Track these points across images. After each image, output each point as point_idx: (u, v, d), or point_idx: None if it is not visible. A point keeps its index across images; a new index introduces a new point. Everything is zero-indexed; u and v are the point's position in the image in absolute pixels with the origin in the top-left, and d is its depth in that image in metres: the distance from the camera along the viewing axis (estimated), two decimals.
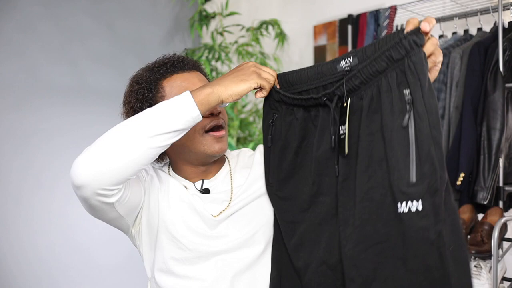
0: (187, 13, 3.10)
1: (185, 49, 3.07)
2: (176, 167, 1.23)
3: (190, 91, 0.98)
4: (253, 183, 1.20)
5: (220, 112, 1.15)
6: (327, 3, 3.18)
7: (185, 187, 1.19)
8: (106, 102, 2.82)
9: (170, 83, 1.15)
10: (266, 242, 1.14)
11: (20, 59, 2.55)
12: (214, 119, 1.13)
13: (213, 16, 2.97)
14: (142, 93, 1.16)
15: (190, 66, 1.19)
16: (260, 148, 1.27)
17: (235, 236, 1.13)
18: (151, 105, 1.11)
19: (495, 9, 2.06)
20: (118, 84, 2.84)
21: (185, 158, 1.18)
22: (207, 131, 1.13)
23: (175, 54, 1.23)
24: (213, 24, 3.10)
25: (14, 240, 2.51)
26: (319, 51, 3.24)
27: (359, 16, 2.54)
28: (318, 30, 3.24)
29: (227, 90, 0.99)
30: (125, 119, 1.10)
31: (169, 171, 1.24)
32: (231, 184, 1.22)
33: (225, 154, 1.29)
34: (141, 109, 1.14)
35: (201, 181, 1.21)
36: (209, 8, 3.06)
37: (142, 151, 0.95)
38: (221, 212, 1.15)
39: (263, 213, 1.15)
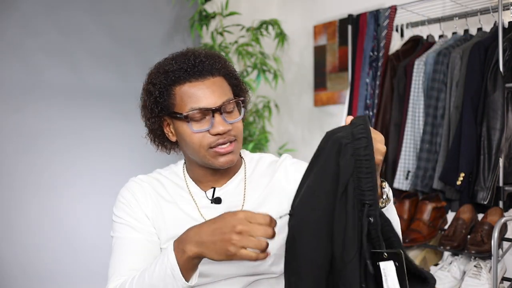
0: (187, 13, 3.10)
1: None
2: (189, 168, 1.21)
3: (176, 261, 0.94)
4: (266, 199, 1.16)
5: (229, 130, 1.09)
6: (327, 3, 3.18)
7: (194, 200, 1.17)
8: (107, 102, 2.82)
9: (182, 91, 1.10)
10: (280, 271, 1.09)
11: (20, 59, 2.55)
12: (220, 137, 1.09)
13: (213, 16, 2.97)
14: (155, 96, 1.13)
15: (206, 72, 1.11)
16: (289, 159, 1.22)
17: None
18: (164, 109, 1.12)
19: (495, 9, 2.06)
20: (118, 84, 2.87)
21: (195, 161, 1.16)
22: (212, 147, 1.10)
23: (193, 54, 1.14)
24: (213, 24, 3.10)
25: (15, 242, 2.51)
26: (319, 51, 3.24)
27: (359, 16, 2.54)
28: (318, 30, 3.24)
29: (208, 256, 0.91)
30: (142, 113, 1.20)
31: (183, 171, 1.22)
32: (244, 194, 1.18)
33: (242, 156, 1.25)
34: (156, 109, 1.13)
35: (212, 189, 1.18)
36: (209, 8, 3.06)
37: None
38: None
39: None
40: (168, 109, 1.12)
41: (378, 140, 0.91)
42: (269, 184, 1.18)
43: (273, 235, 0.87)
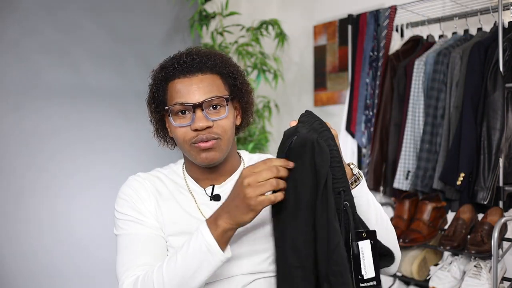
0: (187, 13, 3.10)
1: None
2: (187, 166, 1.23)
3: (210, 235, 0.97)
4: None
5: (208, 127, 1.10)
6: (327, 3, 3.18)
7: (193, 197, 1.18)
8: (107, 102, 2.83)
9: (172, 87, 1.13)
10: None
11: (20, 59, 2.55)
12: (200, 133, 1.10)
13: (213, 16, 2.97)
14: (153, 91, 1.17)
15: (195, 69, 1.12)
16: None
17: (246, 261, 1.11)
18: (160, 104, 1.16)
19: (495, 9, 2.06)
20: (118, 83, 2.87)
21: (188, 156, 1.18)
22: (194, 143, 1.11)
23: (189, 52, 1.17)
24: (213, 24, 3.10)
25: (14, 241, 2.51)
26: (319, 51, 3.24)
27: (359, 16, 2.54)
28: (318, 30, 3.24)
29: (239, 220, 0.96)
30: (149, 116, 1.21)
31: (183, 170, 1.24)
32: None
33: (241, 156, 1.27)
34: (153, 105, 1.17)
35: (211, 186, 1.20)
36: (209, 8, 3.06)
37: None
38: None
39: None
40: (163, 104, 1.15)
41: (330, 127, 0.98)
42: None
43: (278, 172, 0.93)
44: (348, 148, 2.57)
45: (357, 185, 1.04)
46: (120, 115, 2.86)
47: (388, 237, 1.09)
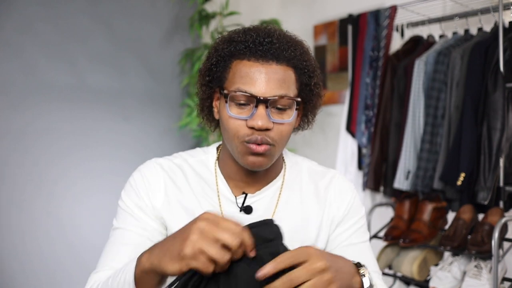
0: (186, 13, 3.10)
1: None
2: (222, 158, 1.05)
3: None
4: (304, 221, 1.01)
5: (267, 129, 0.93)
6: (327, 3, 3.18)
7: (220, 205, 1.01)
8: (105, 102, 2.82)
9: (238, 68, 0.95)
10: None
11: (19, 58, 2.54)
12: (256, 133, 0.93)
13: (213, 16, 2.96)
14: (211, 63, 0.99)
15: (271, 55, 0.93)
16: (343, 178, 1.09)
17: None
18: (215, 79, 0.99)
19: (495, 9, 2.06)
20: (117, 83, 2.87)
21: (231, 151, 1.00)
22: (247, 142, 0.94)
23: (268, 31, 0.97)
24: (213, 24, 3.09)
25: (16, 242, 2.51)
26: (319, 51, 3.24)
27: (359, 16, 2.54)
28: (318, 30, 3.23)
29: (161, 264, 0.73)
30: (197, 87, 1.03)
31: (215, 163, 1.06)
32: (276, 207, 1.02)
33: (284, 160, 1.10)
34: (208, 77, 1.00)
35: (243, 195, 1.02)
36: (209, 7, 3.06)
37: None
38: None
39: None
40: (219, 81, 0.98)
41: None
42: (308, 203, 1.03)
43: (236, 248, 0.70)
44: (348, 148, 2.57)
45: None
46: (120, 115, 2.85)
47: None
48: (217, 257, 0.68)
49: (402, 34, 2.48)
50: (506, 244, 1.98)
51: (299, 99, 0.96)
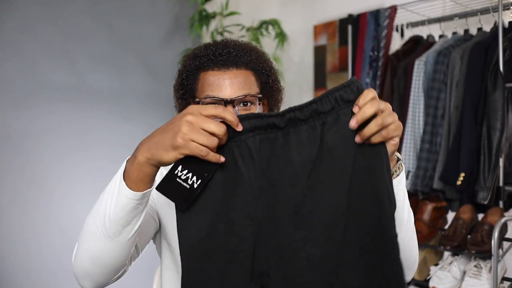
0: (187, 13, 3.10)
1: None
2: None
3: (125, 171, 0.87)
4: None
5: None
6: (327, 3, 3.18)
7: None
8: (106, 102, 2.82)
9: (205, 78, 1.09)
10: None
11: (19, 58, 2.54)
12: None
13: (213, 16, 2.97)
14: (182, 78, 1.13)
15: (230, 63, 1.08)
16: None
17: None
18: (188, 92, 1.11)
19: (495, 9, 2.06)
20: (118, 83, 2.87)
21: None
22: None
23: (225, 43, 1.13)
24: (213, 24, 3.09)
25: (16, 243, 2.51)
26: (319, 51, 3.24)
27: (359, 16, 2.54)
28: (318, 30, 3.24)
29: (157, 155, 0.80)
30: (174, 101, 1.15)
31: None
32: None
33: None
34: (181, 91, 1.13)
35: None
36: (209, 8, 3.06)
37: (117, 250, 0.89)
38: None
39: None
40: (191, 92, 1.11)
41: None
42: None
43: (223, 135, 0.78)
44: None
45: (397, 175, 0.94)
46: (120, 115, 2.86)
47: (414, 240, 0.99)
48: (207, 143, 0.77)
49: (402, 34, 2.49)
50: (505, 244, 1.98)
51: (260, 95, 1.10)
